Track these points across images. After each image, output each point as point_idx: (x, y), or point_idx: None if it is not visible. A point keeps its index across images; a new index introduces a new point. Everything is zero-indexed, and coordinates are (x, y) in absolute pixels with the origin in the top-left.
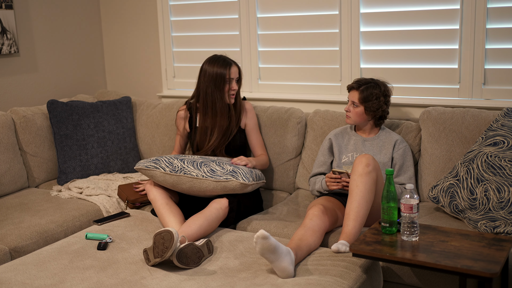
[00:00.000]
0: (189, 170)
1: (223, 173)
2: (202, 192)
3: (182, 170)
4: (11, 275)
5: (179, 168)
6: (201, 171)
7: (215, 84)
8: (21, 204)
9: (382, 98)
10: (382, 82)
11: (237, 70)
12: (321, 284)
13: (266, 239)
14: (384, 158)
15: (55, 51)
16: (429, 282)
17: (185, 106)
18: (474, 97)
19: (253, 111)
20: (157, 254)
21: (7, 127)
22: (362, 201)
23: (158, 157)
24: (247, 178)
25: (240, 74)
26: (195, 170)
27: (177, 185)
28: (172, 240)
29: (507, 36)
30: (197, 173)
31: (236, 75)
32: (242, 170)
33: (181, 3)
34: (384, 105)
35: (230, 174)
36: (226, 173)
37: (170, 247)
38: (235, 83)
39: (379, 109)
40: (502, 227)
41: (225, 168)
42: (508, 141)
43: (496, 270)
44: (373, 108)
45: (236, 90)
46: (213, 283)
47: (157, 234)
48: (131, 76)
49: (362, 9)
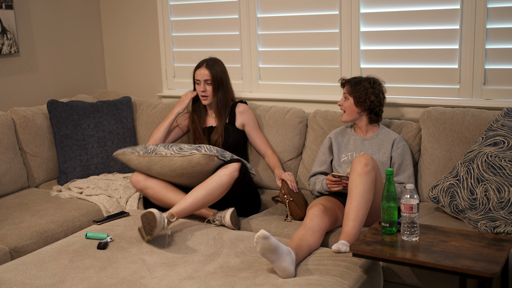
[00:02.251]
0: (159, 150)
1: (189, 149)
2: (174, 171)
3: (154, 151)
4: (11, 275)
5: (151, 150)
6: (170, 150)
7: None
8: (21, 204)
9: (370, 90)
10: (373, 78)
11: (205, 73)
12: (321, 284)
13: (267, 239)
14: (383, 157)
15: (55, 51)
16: (429, 282)
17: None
18: (474, 97)
19: (249, 111)
20: (147, 232)
21: (7, 127)
22: (362, 200)
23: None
24: (210, 150)
25: (213, 77)
26: (165, 150)
27: (151, 167)
28: (155, 220)
29: (507, 36)
30: (166, 152)
31: (204, 78)
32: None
33: (181, 3)
34: (373, 96)
35: (195, 149)
36: (192, 148)
37: (155, 226)
38: (202, 85)
39: (367, 100)
40: (502, 227)
41: (193, 147)
42: (508, 141)
43: (496, 270)
44: (361, 99)
45: (206, 92)
46: (213, 282)
47: (142, 215)
48: (131, 76)
49: (362, 9)
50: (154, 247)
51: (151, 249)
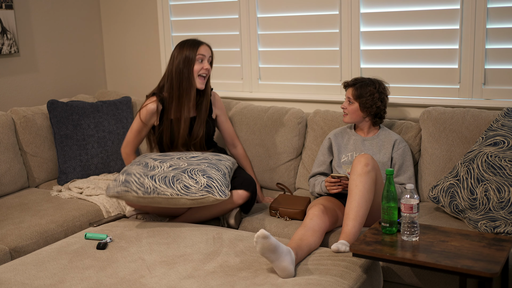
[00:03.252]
0: (162, 190)
1: (197, 189)
2: (181, 208)
3: (155, 190)
4: (11, 275)
5: (151, 189)
6: (175, 189)
7: (184, 66)
8: (21, 204)
9: (376, 95)
10: (378, 80)
11: (209, 49)
12: (321, 284)
13: (267, 238)
14: (383, 157)
15: (55, 51)
16: (429, 282)
17: (155, 97)
18: (474, 97)
19: (220, 100)
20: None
21: (7, 127)
22: (362, 200)
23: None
24: (223, 192)
25: (212, 56)
26: (169, 189)
27: (154, 204)
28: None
29: (507, 36)
30: (171, 192)
31: (209, 53)
32: (216, 181)
33: (181, 3)
34: (379, 102)
35: (205, 189)
36: (200, 188)
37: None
38: (207, 62)
39: (373, 106)
40: (502, 227)
41: (199, 181)
42: (508, 141)
43: (496, 270)
44: (368, 105)
45: (209, 71)
46: (213, 282)
47: None
48: (131, 76)
49: (362, 9)
50: (154, 246)
51: (151, 248)
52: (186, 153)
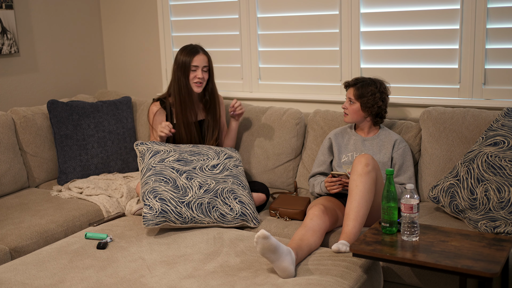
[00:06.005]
0: (200, 219)
1: (233, 217)
2: None
3: (193, 220)
4: (11, 275)
5: (189, 218)
6: (212, 218)
7: (181, 74)
8: (21, 204)
9: (377, 95)
10: (379, 80)
11: (204, 59)
12: (321, 284)
13: (267, 239)
14: (383, 157)
15: (55, 51)
16: (429, 282)
17: (157, 103)
18: (474, 97)
19: (223, 103)
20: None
21: (7, 127)
22: (362, 201)
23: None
24: (257, 219)
25: (209, 64)
26: (206, 218)
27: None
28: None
29: (507, 36)
30: (208, 221)
31: (203, 64)
32: (248, 207)
33: (181, 3)
34: (380, 102)
35: (240, 218)
36: (236, 217)
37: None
38: (200, 72)
39: (375, 106)
40: (502, 227)
41: (233, 208)
42: (509, 141)
43: (496, 270)
44: (369, 105)
45: (202, 79)
46: (213, 282)
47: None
48: (131, 76)
49: (362, 9)
50: (154, 246)
51: (151, 248)
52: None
